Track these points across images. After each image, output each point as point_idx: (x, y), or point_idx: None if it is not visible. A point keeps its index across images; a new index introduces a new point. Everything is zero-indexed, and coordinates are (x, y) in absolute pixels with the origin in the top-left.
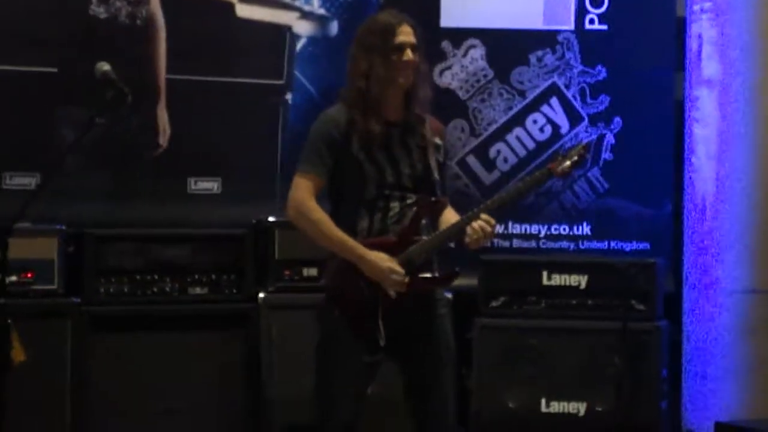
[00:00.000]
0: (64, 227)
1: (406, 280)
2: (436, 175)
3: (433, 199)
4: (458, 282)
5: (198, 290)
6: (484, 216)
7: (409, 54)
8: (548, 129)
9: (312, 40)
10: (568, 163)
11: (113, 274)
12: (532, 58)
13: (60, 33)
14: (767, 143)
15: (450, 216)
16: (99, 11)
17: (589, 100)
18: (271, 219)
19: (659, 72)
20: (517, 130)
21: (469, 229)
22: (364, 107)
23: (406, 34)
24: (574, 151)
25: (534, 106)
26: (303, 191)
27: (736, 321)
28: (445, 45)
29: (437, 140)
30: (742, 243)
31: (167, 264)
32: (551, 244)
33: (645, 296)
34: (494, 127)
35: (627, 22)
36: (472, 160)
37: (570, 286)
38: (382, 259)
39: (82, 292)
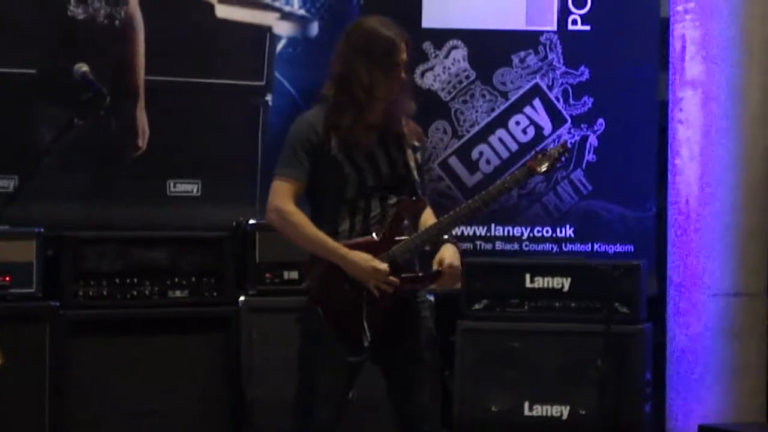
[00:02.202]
0: (42, 230)
1: (391, 278)
2: (415, 175)
3: (414, 198)
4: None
5: (178, 293)
6: (447, 254)
7: (403, 73)
8: (531, 130)
9: (292, 41)
10: (547, 162)
11: (92, 277)
12: (515, 59)
13: (38, 34)
14: (751, 144)
15: (428, 218)
16: (77, 12)
17: (572, 101)
18: (251, 221)
19: (642, 73)
20: (500, 132)
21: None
22: (356, 115)
23: (404, 52)
24: (554, 150)
25: (517, 108)
26: (282, 195)
27: (720, 324)
28: (427, 46)
29: (415, 142)
30: (726, 245)
31: (147, 267)
32: (534, 247)
33: (628, 299)
34: (477, 128)
35: (610, 22)
36: (454, 161)
37: (553, 289)
38: (364, 259)
39: (61, 295)
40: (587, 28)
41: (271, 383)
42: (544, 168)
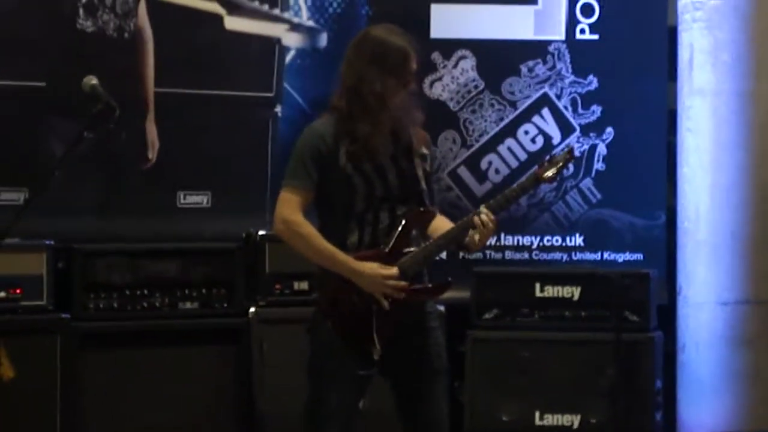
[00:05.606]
0: (52, 242)
1: (403, 283)
2: (423, 184)
3: (421, 209)
4: (450, 294)
5: (188, 305)
6: (485, 210)
7: (413, 83)
8: (540, 140)
9: (301, 52)
10: (554, 169)
11: (102, 289)
12: (523, 69)
13: (47, 47)
14: (760, 152)
15: (440, 224)
16: (86, 24)
17: (580, 110)
18: (261, 232)
19: (651, 81)
20: (509, 141)
21: (471, 229)
22: (372, 123)
23: (414, 61)
24: (560, 157)
25: (525, 117)
26: (290, 206)
27: (730, 332)
28: (436, 56)
29: (424, 150)
30: (735, 253)
31: (157, 279)
32: (544, 256)
33: (638, 307)
34: (485, 138)
35: (618, 31)
36: (463, 171)
37: (563, 298)
38: (372, 268)
39: (72, 307)
40: (595, 37)
41: (282, 394)
42: (549, 174)
